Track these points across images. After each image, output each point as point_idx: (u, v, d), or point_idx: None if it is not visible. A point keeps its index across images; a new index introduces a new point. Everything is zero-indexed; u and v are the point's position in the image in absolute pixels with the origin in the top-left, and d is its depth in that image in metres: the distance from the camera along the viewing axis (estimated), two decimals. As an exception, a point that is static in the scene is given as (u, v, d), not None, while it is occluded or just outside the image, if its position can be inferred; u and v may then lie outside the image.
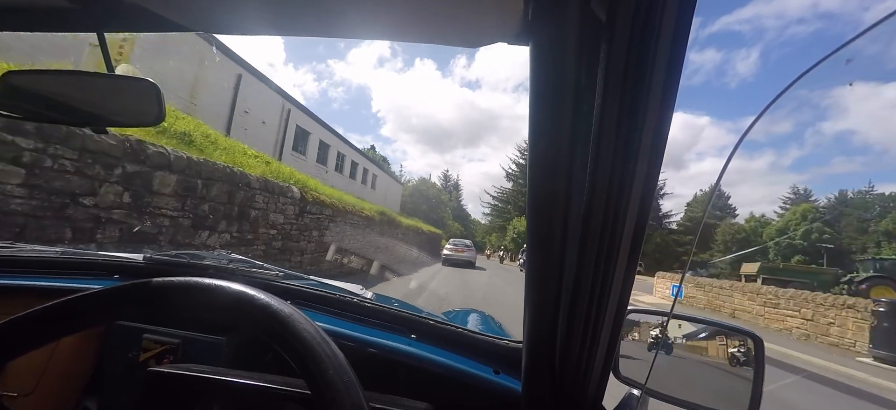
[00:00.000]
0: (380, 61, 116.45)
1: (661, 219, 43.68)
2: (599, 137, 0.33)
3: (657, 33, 0.29)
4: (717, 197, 48.83)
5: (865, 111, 76.56)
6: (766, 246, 34.61)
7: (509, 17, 0.35)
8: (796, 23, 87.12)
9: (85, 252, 0.98)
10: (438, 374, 0.68)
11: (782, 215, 43.50)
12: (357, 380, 0.36)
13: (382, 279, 8.81)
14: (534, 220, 0.40)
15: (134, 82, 0.72)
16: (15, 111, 0.73)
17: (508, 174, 45.96)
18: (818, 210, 40.25)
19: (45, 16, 0.56)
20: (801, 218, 36.41)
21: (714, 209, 46.98)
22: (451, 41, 0.44)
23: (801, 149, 74.28)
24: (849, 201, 41.08)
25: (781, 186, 77.48)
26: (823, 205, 42.65)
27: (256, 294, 0.39)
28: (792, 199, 46.65)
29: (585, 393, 0.48)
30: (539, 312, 0.45)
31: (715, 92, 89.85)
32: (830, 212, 40.38)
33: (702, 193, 48.96)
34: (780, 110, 3.52)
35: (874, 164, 68.63)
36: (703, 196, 51.01)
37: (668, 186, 46.28)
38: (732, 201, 51.06)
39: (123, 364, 0.72)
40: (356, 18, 0.43)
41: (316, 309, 0.82)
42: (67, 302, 0.39)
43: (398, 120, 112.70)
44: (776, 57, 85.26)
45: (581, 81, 0.33)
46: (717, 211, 47.85)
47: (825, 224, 36.82)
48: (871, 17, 66.08)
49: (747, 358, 0.71)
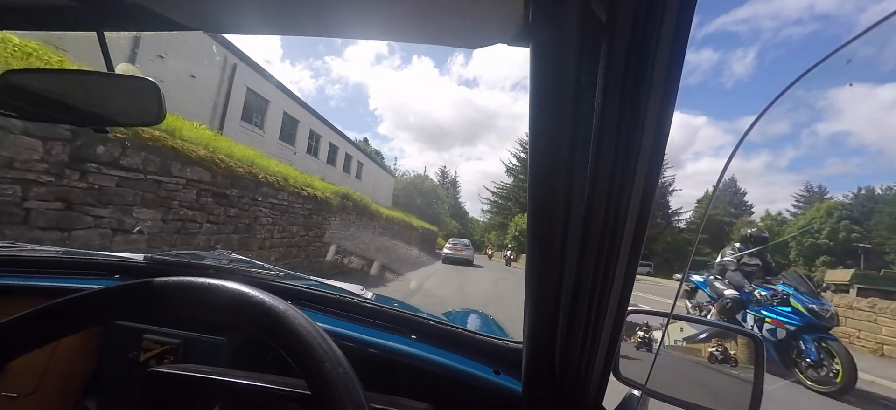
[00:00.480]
0: (377, 58, 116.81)
1: (670, 217, 42.34)
2: (600, 138, 0.33)
3: (657, 33, 0.28)
4: (732, 193, 47.18)
5: (860, 113, 76.86)
6: (785, 242, 32.33)
7: (509, 19, 0.35)
8: (792, 24, 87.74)
9: (85, 252, 0.98)
10: (439, 374, 0.68)
11: (797, 213, 41.69)
12: (357, 380, 0.36)
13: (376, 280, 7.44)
14: (534, 221, 0.40)
15: (134, 82, 0.72)
16: (15, 111, 0.73)
17: (509, 169, 44.86)
18: (845, 207, 37.41)
19: (44, 15, 0.56)
20: (825, 215, 34.13)
21: (729, 206, 45.36)
22: (450, 42, 0.43)
23: (796, 149, 74.62)
24: (879, 198, 37.61)
25: (776, 187, 77.41)
26: (848, 203, 38.97)
27: (257, 294, 0.39)
28: (806, 197, 45.38)
29: (586, 394, 0.48)
30: (539, 312, 0.45)
31: (712, 92, 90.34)
32: (856, 209, 36.69)
33: (713, 190, 50.27)
34: (776, 111, 3.51)
35: (869, 166, 68.84)
36: (716, 193, 49.69)
37: (675, 183, 44.61)
38: (736, 200, 49.14)
39: (124, 364, 0.72)
40: (355, 19, 0.43)
41: (316, 309, 0.82)
42: (68, 301, 0.39)
43: (395, 118, 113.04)
44: (772, 58, 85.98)
45: (581, 82, 0.32)
46: (732, 208, 45.96)
47: (852, 222, 34.23)
48: (866, 18, 65.26)
49: (748, 359, 0.71)
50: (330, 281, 1.05)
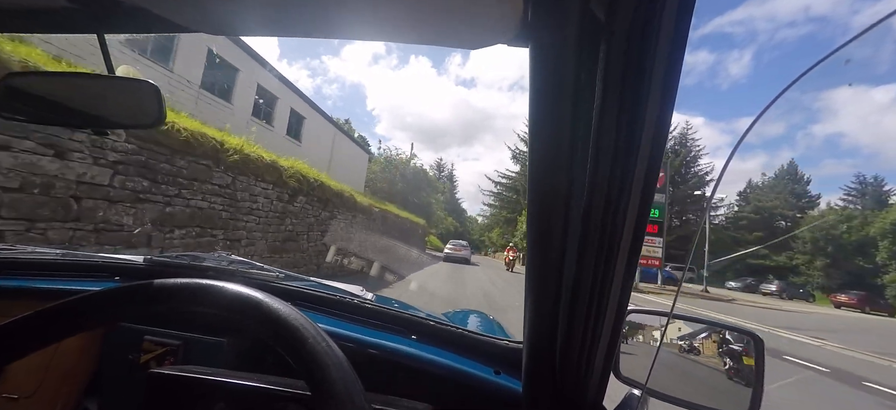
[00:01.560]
0: (375, 58, 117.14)
1: (707, 210, 34.81)
2: (599, 137, 0.33)
3: (657, 33, 0.29)
4: (791, 181, 40.59)
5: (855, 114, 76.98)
6: (873, 241, 27.30)
7: (508, 19, 0.35)
8: (787, 26, 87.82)
9: (85, 253, 0.98)
10: (439, 375, 0.68)
11: (845, 208, 35.50)
12: (358, 381, 0.36)
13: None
14: (534, 220, 0.40)
15: (134, 84, 0.72)
16: (16, 113, 0.73)
17: (515, 155, 38.73)
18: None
19: (44, 17, 0.56)
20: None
21: (789, 197, 38.94)
22: (449, 43, 0.44)
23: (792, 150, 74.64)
24: None
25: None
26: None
27: (257, 295, 0.39)
28: (858, 189, 38.16)
29: (586, 393, 0.48)
30: (539, 312, 0.45)
31: (708, 92, 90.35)
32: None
33: (766, 178, 34.92)
34: (772, 112, 3.49)
35: (863, 167, 68.71)
36: (769, 181, 41.48)
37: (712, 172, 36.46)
38: (798, 189, 40.80)
39: (124, 365, 0.72)
40: (354, 20, 0.43)
41: (316, 310, 0.82)
42: (68, 303, 0.39)
43: (393, 118, 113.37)
44: (768, 59, 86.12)
45: (581, 82, 0.33)
46: (793, 198, 39.17)
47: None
48: (860, 20, 64.61)
49: (748, 358, 0.71)
50: (330, 282, 1.05)
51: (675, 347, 0.77)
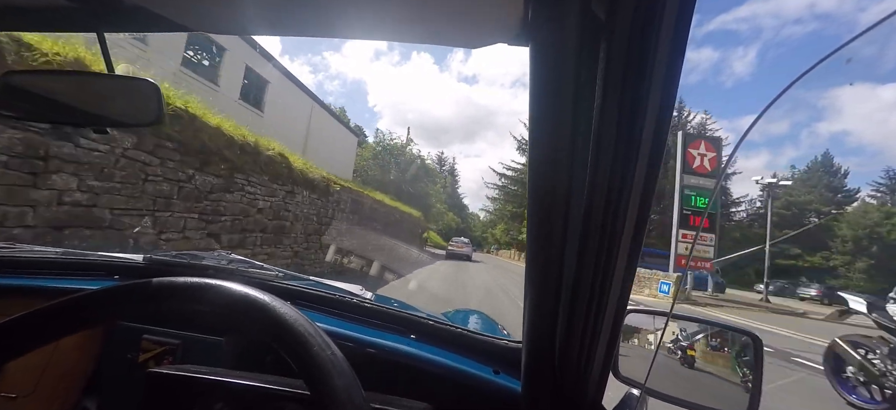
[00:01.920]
0: (376, 55, 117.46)
1: (729, 207, 32.89)
2: (600, 137, 0.33)
3: (657, 33, 0.29)
4: (827, 174, 37.17)
5: (860, 113, 76.91)
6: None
7: (509, 18, 0.36)
8: (793, 23, 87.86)
9: (84, 252, 0.98)
10: (438, 374, 0.68)
11: (882, 204, 32.50)
12: (357, 381, 0.36)
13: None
14: (534, 219, 0.40)
15: (134, 82, 0.72)
16: (15, 112, 0.73)
17: (521, 146, 36.49)
18: None
19: (44, 15, 0.56)
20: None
21: (825, 191, 35.52)
22: (450, 42, 0.44)
23: (796, 149, 74.63)
24: None
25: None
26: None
27: (256, 294, 0.39)
28: (888, 185, 35.51)
29: (585, 393, 0.48)
30: (539, 312, 0.45)
31: (711, 90, 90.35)
32: None
33: (797, 171, 31.02)
34: (776, 110, 3.49)
35: (868, 165, 68.53)
36: (801, 174, 37.87)
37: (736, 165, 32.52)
38: (834, 182, 36.65)
39: (123, 364, 0.72)
40: (356, 19, 0.43)
41: (315, 309, 0.82)
42: (67, 302, 0.39)
43: (395, 114, 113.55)
44: (772, 56, 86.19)
45: (581, 81, 0.33)
46: (829, 192, 35.55)
47: None
48: (866, 18, 64.65)
49: (747, 358, 0.71)
50: (330, 282, 1.05)
51: (675, 347, 0.77)
